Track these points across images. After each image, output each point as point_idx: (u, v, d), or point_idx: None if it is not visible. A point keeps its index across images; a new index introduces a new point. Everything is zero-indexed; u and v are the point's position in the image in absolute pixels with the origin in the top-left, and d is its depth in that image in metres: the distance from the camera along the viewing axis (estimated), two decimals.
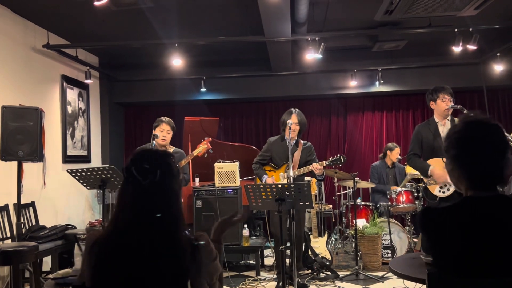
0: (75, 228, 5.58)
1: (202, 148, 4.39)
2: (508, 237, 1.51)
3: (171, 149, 4.60)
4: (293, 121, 4.60)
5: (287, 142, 4.62)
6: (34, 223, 5.22)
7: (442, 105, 4.11)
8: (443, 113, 4.13)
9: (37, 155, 4.44)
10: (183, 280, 1.56)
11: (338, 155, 4.58)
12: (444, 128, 4.15)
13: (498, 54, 6.52)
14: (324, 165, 4.55)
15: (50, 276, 4.24)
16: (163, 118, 4.58)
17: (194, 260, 1.58)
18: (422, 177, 4.34)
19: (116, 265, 1.54)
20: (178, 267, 1.55)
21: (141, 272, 1.52)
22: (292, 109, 4.76)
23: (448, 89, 4.15)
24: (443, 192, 3.98)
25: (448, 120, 4.16)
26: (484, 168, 1.57)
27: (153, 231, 1.56)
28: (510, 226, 1.52)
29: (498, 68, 6.66)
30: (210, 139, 4.50)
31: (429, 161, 4.09)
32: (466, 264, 1.53)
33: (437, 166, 4.00)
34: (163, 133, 4.48)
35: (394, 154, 6.53)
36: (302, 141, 4.79)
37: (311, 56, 5.69)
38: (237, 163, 5.49)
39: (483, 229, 1.53)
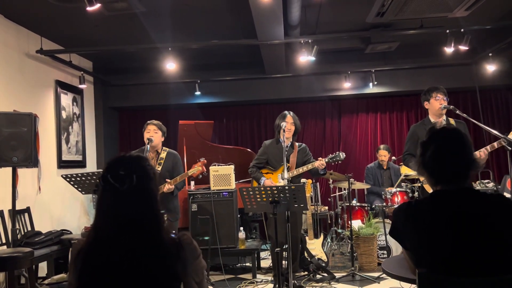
0: (70, 233, 5.57)
1: (196, 169, 4.40)
2: (475, 229, 1.60)
3: (165, 152, 4.59)
4: (288, 121, 4.63)
5: (282, 144, 4.59)
6: (29, 228, 5.21)
7: (436, 103, 4.13)
8: (436, 112, 4.15)
9: (32, 161, 4.43)
10: (175, 281, 1.57)
11: (337, 152, 4.58)
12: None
13: (490, 54, 6.56)
14: (324, 162, 4.55)
15: (45, 282, 4.24)
16: (148, 121, 4.60)
17: (179, 259, 1.60)
18: (418, 176, 4.36)
19: (101, 273, 1.54)
20: (165, 268, 1.56)
21: (128, 278, 1.53)
22: (286, 111, 4.78)
23: (442, 89, 4.19)
24: None
25: (443, 120, 4.19)
26: (442, 165, 1.75)
27: (136, 235, 1.58)
28: (475, 217, 1.62)
29: (490, 68, 6.70)
30: (205, 161, 4.50)
31: None
32: (436, 255, 1.61)
33: None
34: (150, 134, 4.50)
35: (380, 155, 6.60)
36: (297, 143, 4.81)
37: (305, 58, 5.72)
38: (232, 166, 5.50)
39: (452, 220, 1.63)
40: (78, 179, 4.15)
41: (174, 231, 3.24)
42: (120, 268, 1.54)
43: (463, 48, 5.75)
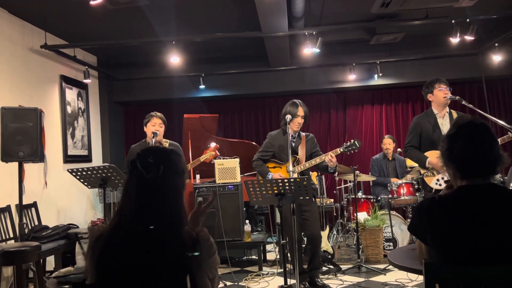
0: (77, 227, 5.59)
1: (210, 155, 4.36)
2: (501, 224, 1.59)
3: (167, 143, 4.62)
4: (299, 114, 4.31)
5: (290, 136, 4.32)
6: (36, 223, 5.24)
7: (440, 94, 4.07)
8: (442, 102, 4.08)
9: (38, 156, 4.45)
10: (183, 275, 1.57)
11: (352, 140, 4.24)
12: (443, 120, 4.12)
13: (496, 44, 6.50)
14: (339, 152, 4.24)
15: (53, 275, 4.27)
16: (152, 113, 4.59)
17: (195, 255, 1.60)
18: (419, 168, 4.33)
19: (119, 258, 1.56)
20: (179, 262, 1.57)
21: (143, 266, 1.55)
22: (296, 101, 4.41)
23: (444, 80, 4.13)
24: (440, 185, 3.96)
25: (447, 112, 4.15)
26: (471, 158, 1.71)
27: (155, 224, 1.59)
28: (502, 212, 1.61)
29: (496, 58, 6.64)
30: (218, 146, 4.43)
31: (426, 153, 4.08)
32: (463, 251, 1.59)
33: (435, 156, 3.98)
34: (155, 127, 4.51)
35: (385, 143, 6.62)
36: (304, 133, 4.54)
37: (309, 50, 5.69)
38: (237, 159, 5.50)
39: (477, 215, 1.61)
40: (84, 173, 4.16)
41: None
42: (136, 255, 1.55)
43: (468, 38, 5.70)
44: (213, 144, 4.47)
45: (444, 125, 4.08)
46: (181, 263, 1.58)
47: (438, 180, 3.97)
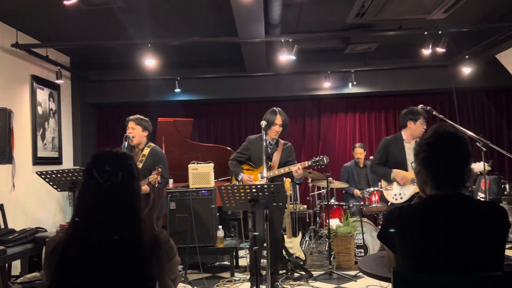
0: (45, 231, 5.45)
1: (152, 177, 4.16)
2: (469, 234, 1.62)
3: (148, 148, 4.50)
4: (277, 123, 4.47)
5: (267, 142, 4.50)
6: (2, 226, 5.09)
7: (420, 128, 4.29)
8: (417, 135, 4.30)
9: (6, 157, 4.35)
10: (150, 280, 1.55)
11: (321, 156, 4.47)
12: (410, 145, 4.37)
13: (467, 56, 6.67)
14: (307, 165, 4.44)
15: (18, 280, 4.16)
16: (128, 118, 4.53)
17: (156, 259, 1.58)
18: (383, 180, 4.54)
19: (78, 268, 1.52)
20: (141, 268, 1.54)
21: (104, 274, 1.51)
22: (276, 109, 4.56)
23: (424, 113, 4.36)
24: (396, 200, 4.30)
25: (415, 141, 4.35)
26: (449, 171, 1.73)
27: (115, 232, 1.55)
28: (470, 222, 1.64)
29: (466, 70, 6.81)
30: (160, 170, 4.24)
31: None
32: (431, 260, 1.61)
33: (399, 172, 4.27)
34: (129, 130, 4.43)
35: (356, 153, 6.77)
36: (282, 141, 4.67)
37: (285, 57, 5.72)
38: (212, 164, 5.48)
39: (446, 225, 1.64)
40: (54, 176, 4.07)
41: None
42: (95, 265, 1.52)
43: (440, 50, 5.83)
44: (157, 167, 4.26)
45: (411, 150, 4.33)
46: (143, 268, 1.55)
47: (395, 195, 4.24)
